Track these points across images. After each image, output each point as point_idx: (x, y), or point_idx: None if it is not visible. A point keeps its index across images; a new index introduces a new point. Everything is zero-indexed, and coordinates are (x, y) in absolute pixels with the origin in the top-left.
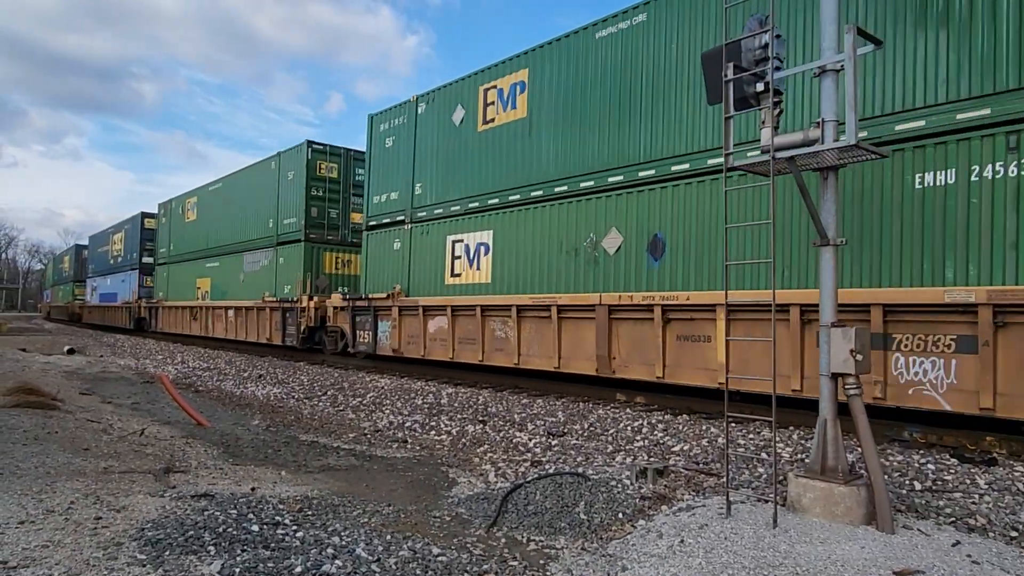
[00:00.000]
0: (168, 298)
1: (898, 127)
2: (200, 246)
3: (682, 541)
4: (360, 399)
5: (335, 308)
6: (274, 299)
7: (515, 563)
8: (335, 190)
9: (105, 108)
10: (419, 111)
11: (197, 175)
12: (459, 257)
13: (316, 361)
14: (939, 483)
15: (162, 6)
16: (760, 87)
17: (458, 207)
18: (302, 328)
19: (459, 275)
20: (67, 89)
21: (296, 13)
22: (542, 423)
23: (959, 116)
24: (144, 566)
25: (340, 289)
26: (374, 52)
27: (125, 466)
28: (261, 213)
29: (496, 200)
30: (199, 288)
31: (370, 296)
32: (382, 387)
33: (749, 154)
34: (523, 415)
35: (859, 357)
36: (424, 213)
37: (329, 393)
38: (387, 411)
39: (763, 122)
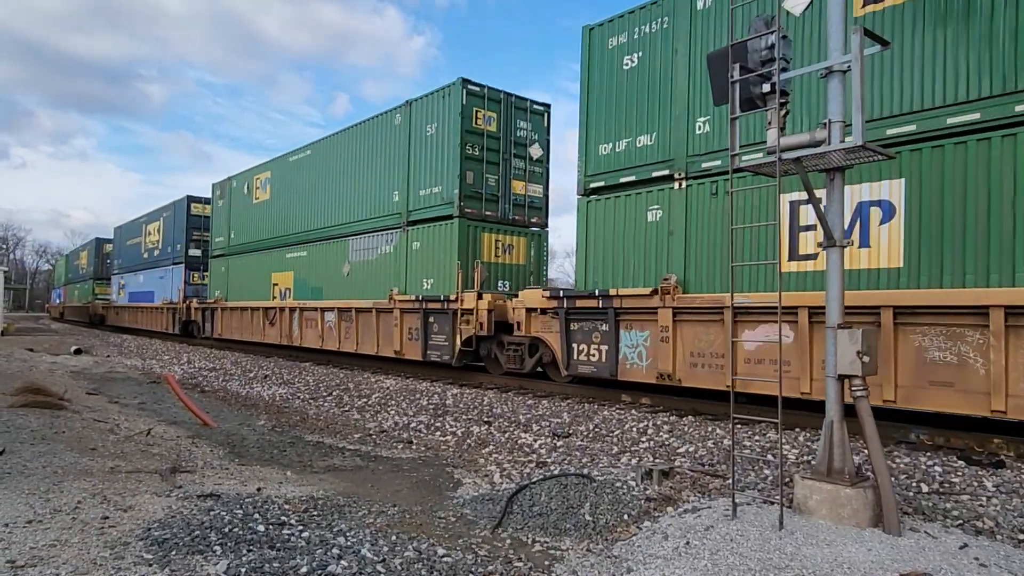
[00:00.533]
0: (228, 297)
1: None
2: (277, 232)
3: (688, 543)
4: (365, 400)
5: (528, 310)
6: (409, 297)
7: (520, 564)
8: (494, 149)
9: (113, 109)
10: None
11: (205, 175)
12: (811, 227)
13: (321, 362)
14: (946, 485)
15: (168, 7)
16: (766, 88)
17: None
18: (462, 337)
19: (811, 256)
20: (75, 90)
21: (303, 14)
22: (547, 424)
23: None
24: (151, 566)
25: (501, 284)
26: (380, 53)
27: (132, 466)
28: (380, 184)
29: None
30: (276, 285)
31: (606, 293)
32: (387, 388)
33: (745, 157)
34: (528, 416)
35: (866, 359)
36: (717, 162)
37: (335, 394)
38: (392, 412)
39: (769, 123)
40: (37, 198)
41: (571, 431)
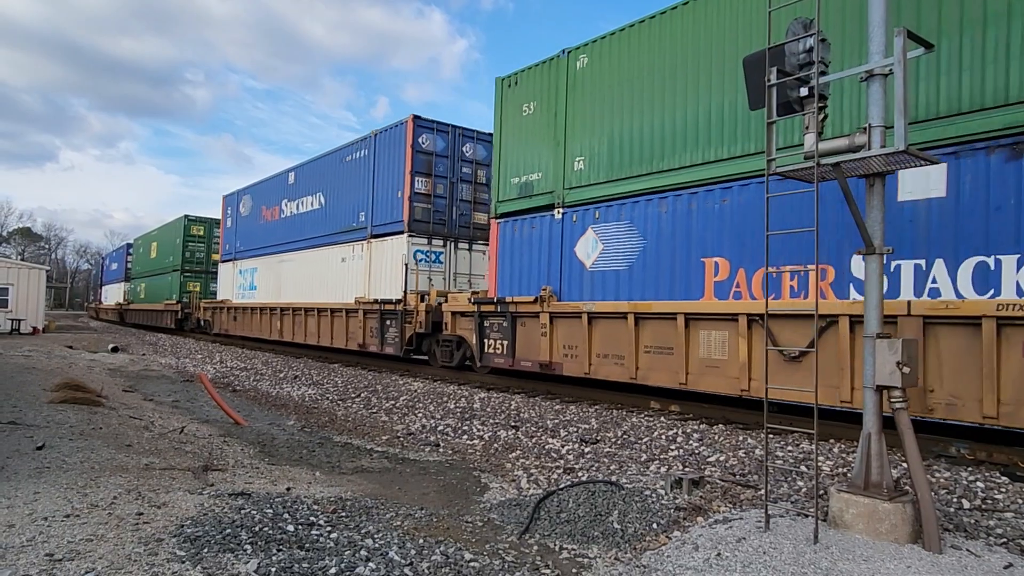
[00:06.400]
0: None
1: None
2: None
3: (719, 554)
4: (393, 402)
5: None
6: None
7: (547, 571)
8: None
9: (159, 112)
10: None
11: (241, 178)
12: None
13: (350, 363)
14: (989, 501)
15: (215, 10)
16: (804, 92)
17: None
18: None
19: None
20: (124, 94)
21: (347, 17)
22: (575, 430)
23: None
24: (183, 562)
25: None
26: (423, 56)
27: (165, 463)
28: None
29: None
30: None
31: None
32: (415, 390)
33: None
34: (556, 421)
35: (906, 370)
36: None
37: (363, 395)
38: (420, 414)
39: (807, 127)
40: (80, 199)
41: (599, 437)
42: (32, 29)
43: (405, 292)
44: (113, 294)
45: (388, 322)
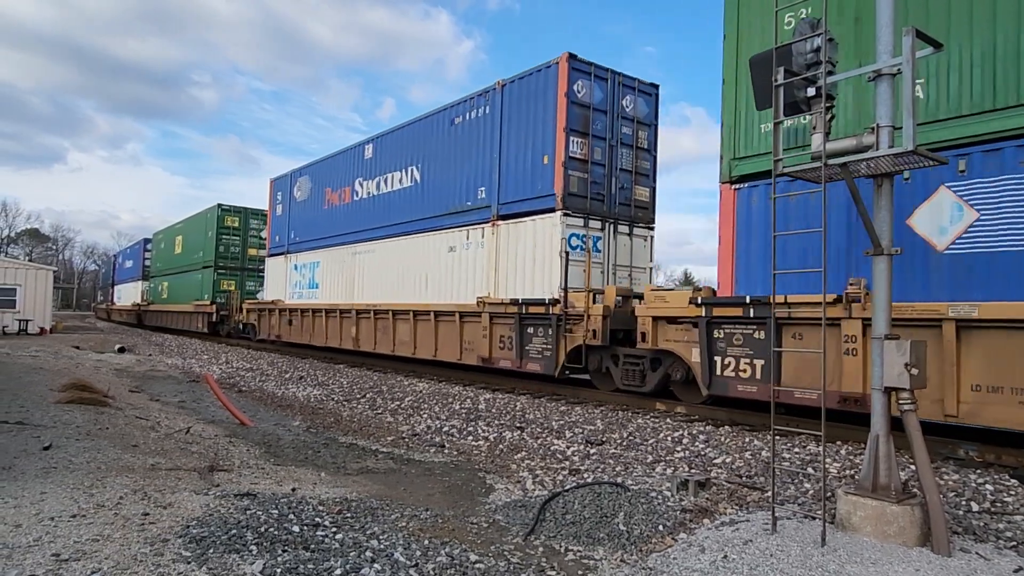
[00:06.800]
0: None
1: None
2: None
3: (725, 556)
4: (398, 403)
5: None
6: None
7: (553, 573)
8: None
9: (166, 114)
10: None
11: (250, 180)
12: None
13: (355, 364)
14: (998, 504)
15: (221, 12)
16: (811, 92)
17: None
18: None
19: None
20: (131, 95)
21: (353, 19)
22: (580, 431)
23: None
24: (189, 563)
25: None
26: (429, 57)
27: (171, 463)
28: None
29: None
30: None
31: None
32: (420, 391)
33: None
34: (561, 422)
35: (914, 371)
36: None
37: (368, 396)
38: (425, 415)
39: (814, 127)
40: (88, 200)
41: (604, 439)
42: (40, 32)
43: (565, 289)
44: (128, 294)
45: (532, 330)
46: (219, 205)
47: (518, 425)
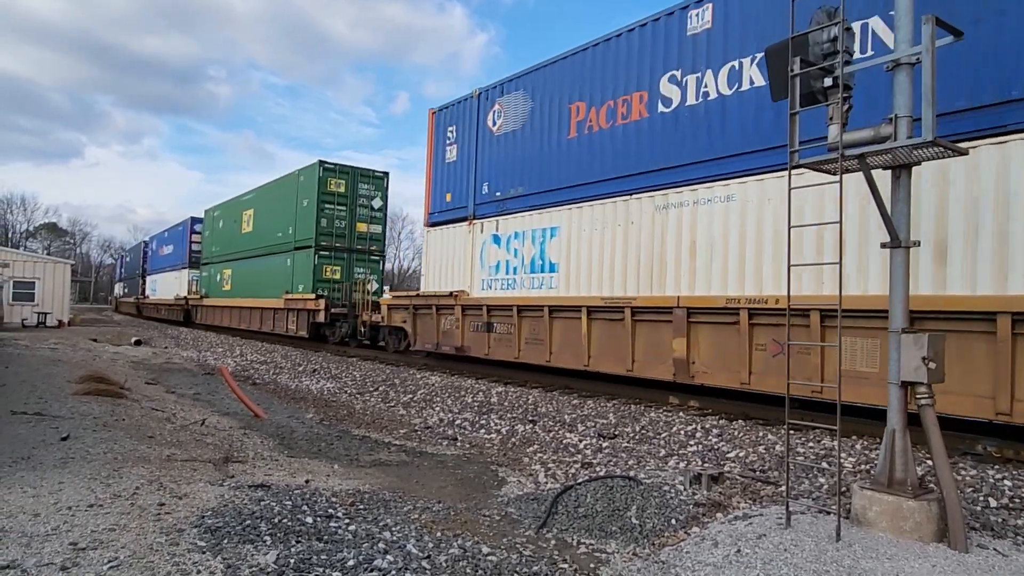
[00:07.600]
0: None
1: None
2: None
3: (739, 551)
4: (411, 396)
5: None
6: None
7: (565, 566)
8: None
9: (182, 110)
10: None
11: (265, 174)
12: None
13: (368, 357)
14: (1017, 500)
15: (238, 8)
16: (828, 82)
17: None
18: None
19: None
20: (148, 91)
21: (367, 14)
22: (592, 425)
23: None
24: (204, 553)
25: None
26: (443, 52)
27: (187, 454)
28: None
29: None
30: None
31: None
32: (432, 384)
33: None
34: (573, 416)
35: (932, 365)
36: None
37: (380, 389)
38: (437, 408)
39: (831, 118)
40: (105, 195)
41: (617, 432)
42: (60, 28)
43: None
44: (168, 285)
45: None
46: (321, 162)
47: (530, 418)
